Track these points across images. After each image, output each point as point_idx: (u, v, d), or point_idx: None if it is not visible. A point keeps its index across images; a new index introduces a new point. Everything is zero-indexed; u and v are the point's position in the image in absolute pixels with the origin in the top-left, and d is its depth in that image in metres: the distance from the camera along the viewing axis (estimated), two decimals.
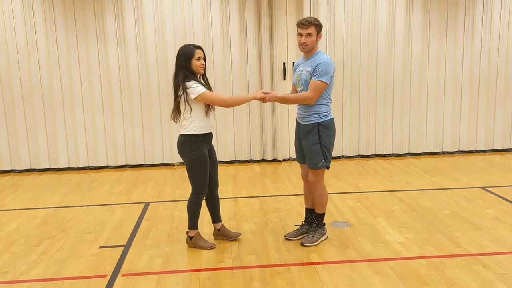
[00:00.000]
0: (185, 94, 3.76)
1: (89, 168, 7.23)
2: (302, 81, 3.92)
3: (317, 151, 3.91)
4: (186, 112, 3.83)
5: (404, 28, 7.28)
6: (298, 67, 4.02)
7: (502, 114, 7.68)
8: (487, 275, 3.42)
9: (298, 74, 3.98)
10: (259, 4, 7.07)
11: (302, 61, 4.01)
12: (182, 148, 3.89)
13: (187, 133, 3.84)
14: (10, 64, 6.87)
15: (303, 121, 3.98)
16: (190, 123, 3.83)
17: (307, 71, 3.87)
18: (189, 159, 3.88)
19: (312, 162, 3.96)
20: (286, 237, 4.19)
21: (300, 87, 3.96)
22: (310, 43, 3.83)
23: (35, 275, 3.62)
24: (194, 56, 3.82)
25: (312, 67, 3.83)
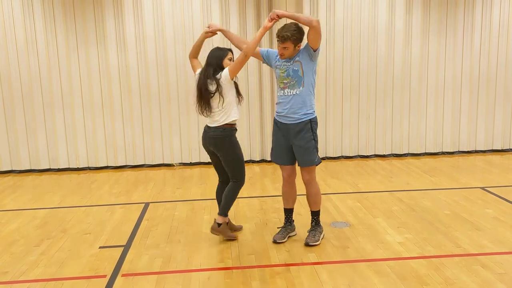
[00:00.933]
0: (219, 87, 3.95)
1: (89, 169, 7.23)
2: (290, 72, 3.83)
3: (312, 148, 3.93)
4: (220, 102, 3.99)
5: (403, 28, 7.29)
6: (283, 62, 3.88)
7: (502, 114, 7.68)
8: (486, 275, 3.42)
9: (282, 68, 3.87)
10: (258, 4, 7.07)
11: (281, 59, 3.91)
12: (222, 142, 4.03)
13: (227, 122, 4.01)
14: (10, 65, 6.87)
15: (292, 120, 3.89)
16: (230, 112, 4.01)
17: (296, 61, 3.82)
18: (231, 152, 4.06)
19: (308, 159, 3.94)
20: (275, 240, 4.11)
21: (286, 79, 3.86)
22: (287, 55, 3.84)
23: (35, 275, 3.63)
24: (227, 56, 4.08)
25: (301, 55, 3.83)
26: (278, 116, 4.00)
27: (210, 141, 4.09)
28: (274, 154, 4.13)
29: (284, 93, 3.92)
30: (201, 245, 4.14)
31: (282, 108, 3.94)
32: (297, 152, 3.98)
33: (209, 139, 4.09)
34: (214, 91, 3.99)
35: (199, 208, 5.20)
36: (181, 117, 7.22)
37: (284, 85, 3.91)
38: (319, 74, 7.17)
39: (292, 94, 3.88)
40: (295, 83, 3.86)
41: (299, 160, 4.01)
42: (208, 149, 4.18)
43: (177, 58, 7.05)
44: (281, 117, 3.97)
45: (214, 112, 4.05)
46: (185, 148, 7.32)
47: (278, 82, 3.96)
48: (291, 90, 3.88)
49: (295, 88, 3.87)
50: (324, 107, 7.31)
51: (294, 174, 4.13)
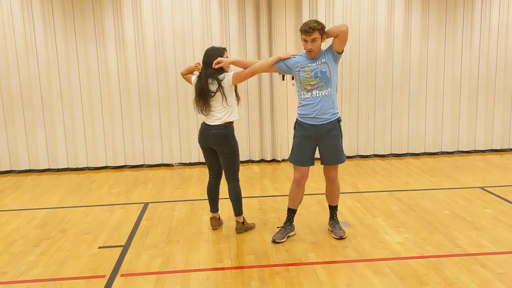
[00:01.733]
0: (221, 87, 4.03)
1: (88, 169, 7.23)
2: (319, 74, 3.88)
3: (340, 146, 4.06)
4: (224, 102, 4.09)
5: (403, 28, 7.28)
6: (308, 64, 3.92)
7: (501, 114, 7.68)
8: (486, 275, 3.42)
9: (308, 69, 3.91)
10: (258, 5, 7.07)
11: (308, 59, 3.95)
12: (225, 138, 4.13)
13: (229, 121, 4.13)
14: (9, 65, 6.86)
15: (322, 121, 3.95)
16: (232, 111, 4.13)
17: (323, 63, 3.89)
18: (232, 149, 4.18)
19: (338, 157, 4.07)
20: (274, 240, 4.12)
21: (314, 80, 3.89)
22: (316, 48, 3.87)
23: (34, 275, 3.63)
24: (224, 56, 4.13)
25: (326, 56, 3.91)
26: (304, 118, 4.01)
27: (212, 139, 4.15)
28: (294, 154, 4.13)
29: (312, 95, 3.94)
30: (200, 245, 4.14)
31: (311, 110, 3.95)
32: (327, 151, 4.04)
33: (212, 137, 4.14)
34: (215, 91, 4.06)
35: (199, 208, 5.20)
36: (181, 117, 7.22)
37: (311, 87, 3.93)
38: None
39: (321, 95, 3.92)
40: (324, 84, 3.91)
41: (329, 159, 4.07)
42: (207, 146, 4.24)
43: (176, 58, 7.05)
44: (309, 119, 3.98)
45: (214, 111, 4.12)
46: (184, 148, 7.32)
47: (304, 84, 3.95)
48: (320, 91, 3.92)
49: (323, 89, 3.92)
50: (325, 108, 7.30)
51: (306, 176, 4.16)
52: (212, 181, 4.49)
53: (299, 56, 4.05)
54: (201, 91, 4.10)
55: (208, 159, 4.39)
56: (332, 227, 4.30)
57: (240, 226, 4.38)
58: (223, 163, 4.25)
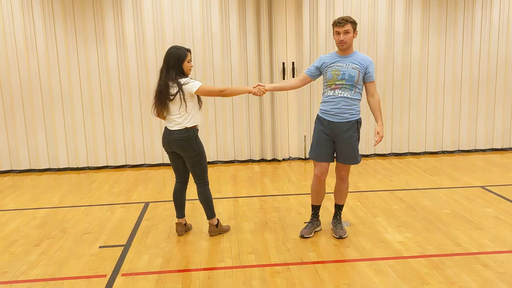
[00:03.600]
0: (181, 92, 3.90)
1: (88, 168, 7.23)
2: (346, 76, 3.90)
3: (357, 147, 4.07)
4: (182, 108, 3.95)
5: (403, 27, 7.28)
6: (335, 63, 3.96)
7: (502, 113, 7.68)
8: (487, 274, 3.42)
9: (336, 69, 3.93)
10: (258, 4, 7.06)
11: (337, 57, 3.99)
12: (188, 142, 4.02)
13: (189, 126, 3.99)
14: (10, 65, 6.86)
15: (341, 119, 3.96)
16: (191, 117, 4.00)
17: (354, 68, 3.91)
18: (197, 152, 4.07)
19: (353, 157, 4.08)
20: (302, 235, 4.17)
21: (340, 81, 3.92)
22: (348, 40, 3.91)
23: (35, 275, 3.62)
24: (187, 58, 4.00)
25: (361, 65, 3.93)
26: (324, 113, 4.04)
27: (175, 143, 4.03)
28: (314, 150, 4.14)
29: (335, 94, 3.97)
30: (201, 244, 4.13)
31: (331, 107, 3.99)
32: (343, 150, 4.06)
33: (174, 141, 4.02)
34: (174, 94, 3.92)
35: (199, 207, 5.18)
36: None
37: (336, 86, 3.96)
38: None
39: (344, 96, 3.94)
40: (348, 87, 3.93)
41: (344, 158, 4.08)
42: (170, 150, 4.14)
43: None
44: (328, 115, 4.01)
45: (173, 115, 4.00)
46: None
47: (329, 82, 3.99)
48: (344, 92, 3.94)
49: (347, 91, 3.94)
50: None
51: (327, 172, 4.17)
52: (178, 186, 4.33)
53: (327, 55, 4.09)
54: (160, 94, 3.97)
55: (173, 162, 4.23)
56: (334, 226, 4.31)
57: (213, 228, 4.29)
58: (190, 167, 4.14)
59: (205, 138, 7.30)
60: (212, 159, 7.39)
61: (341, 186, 4.25)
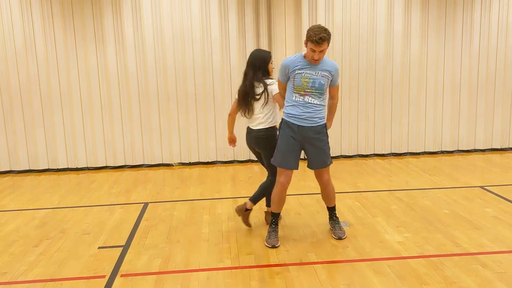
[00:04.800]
0: (266, 91, 4.14)
1: (88, 169, 7.22)
2: (316, 84, 3.82)
3: (328, 150, 4.06)
4: (266, 107, 4.19)
5: (402, 28, 7.28)
6: (305, 69, 3.83)
7: (501, 113, 7.68)
8: (486, 274, 3.42)
9: (307, 77, 3.82)
10: (257, 5, 7.06)
11: (306, 63, 3.84)
12: (268, 140, 4.23)
13: (271, 126, 4.24)
14: (9, 66, 6.86)
15: (311, 123, 3.90)
16: (274, 116, 4.25)
17: (323, 76, 3.86)
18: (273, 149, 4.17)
19: (325, 160, 4.06)
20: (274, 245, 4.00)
21: (310, 89, 3.83)
22: (322, 58, 3.85)
23: (34, 275, 3.62)
24: (271, 60, 4.27)
25: (330, 73, 3.90)
26: (292, 118, 3.92)
27: (256, 141, 4.29)
28: (282, 157, 3.98)
29: (304, 100, 3.89)
30: (200, 245, 4.13)
31: (301, 112, 3.89)
32: (316, 154, 4.02)
33: (254, 139, 4.30)
34: (260, 94, 4.14)
35: (198, 208, 5.19)
36: (180, 117, 7.22)
37: (305, 93, 3.87)
38: None
39: (311, 102, 3.90)
40: (318, 94, 3.89)
41: (317, 163, 4.04)
42: (252, 147, 4.40)
43: (176, 58, 7.05)
44: (298, 120, 3.90)
45: (257, 114, 4.21)
46: (184, 148, 7.32)
47: (298, 89, 3.87)
48: (312, 99, 3.90)
49: (316, 98, 3.90)
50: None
51: (290, 180, 4.11)
52: (268, 182, 4.44)
53: (294, 58, 3.93)
54: (245, 94, 4.17)
55: (260, 160, 4.56)
56: (332, 227, 4.29)
57: (241, 207, 4.45)
58: (265, 161, 4.36)
59: (205, 138, 7.30)
60: (211, 159, 7.39)
61: (327, 191, 4.19)
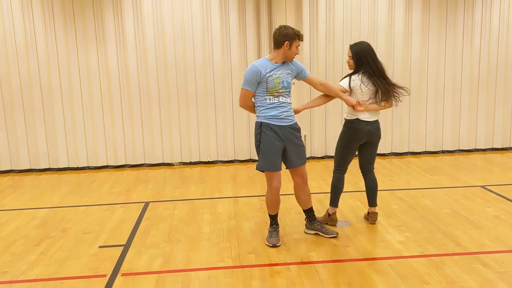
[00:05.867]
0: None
1: (88, 168, 7.22)
2: (285, 84, 3.93)
3: (304, 147, 4.14)
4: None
5: (403, 28, 7.27)
6: (274, 71, 3.86)
7: (502, 113, 7.67)
8: (487, 274, 3.42)
9: (277, 78, 3.88)
10: (258, 3, 7.06)
11: (273, 65, 3.88)
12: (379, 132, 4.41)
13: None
14: (10, 65, 6.86)
15: (289, 122, 3.97)
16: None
17: (288, 74, 3.96)
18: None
19: (304, 157, 4.12)
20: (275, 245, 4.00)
21: (281, 89, 3.91)
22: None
23: (35, 275, 3.62)
24: None
25: (292, 70, 3.99)
26: (273, 119, 3.91)
27: (376, 133, 4.35)
28: (270, 161, 3.95)
29: (279, 100, 3.93)
30: (201, 244, 4.13)
31: (279, 112, 3.93)
32: (297, 152, 4.04)
33: (376, 131, 4.34)
34: None
35: (199, 207, 5.19)
36: (181, 116, 7.22)
37: (278, 94, 3.93)
38: (319, 74, 7.17)
39: (285, 101, 3.98)
40: (288, 93, 4.00)
41: (299, 159, 4.05)
42: (362, 141, 4.36)
43: (177, 57, 7.04)
44: (278, 120, 3.91)
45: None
46: (185, 147, 7.32)
47: (271, 91, 3.90)
48: (285, 98, 3.98)
49: (286, 97, 3.99)
50: (324, 106, 7.29)
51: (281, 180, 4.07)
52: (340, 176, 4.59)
53: (262, 62, 3.92)
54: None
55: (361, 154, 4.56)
56: (321, 228, 4.21)
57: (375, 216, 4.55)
58: (373, 155, 4.50)
59: (205, 137, 7.30)
60: (212, 158, 7.38)
61: (307, 189, 4.17)
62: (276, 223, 4.18)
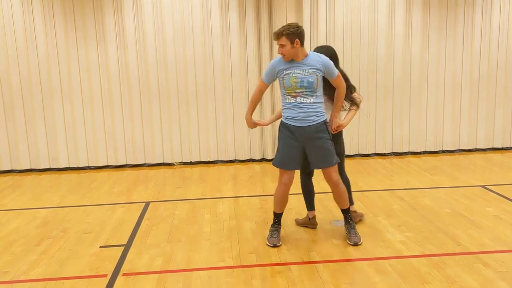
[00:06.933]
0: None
1: (89, 168, 7.22)
2: (305, 83, 3.77)
3: (331, 147, 3.93)
4: None
5: (403, 28, 7.27)
6: (291, 68, 3.81)
7: (502, 113, 7.67)
8: (488, 274, 3.42)
9: (294, 77, 3.79)
10: (258, 1, 7.06)
11: (291, 63, 3.82)
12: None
13: None
14: (10, 63, 6.85)
15: (308, 123, 3.84)
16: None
17: (312, 73, 3.77)
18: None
19: (329, 160, 3.92)
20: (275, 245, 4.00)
21: (300, 89, 3.79)
22: (286, 53, 3.78)
23: (36, 275, 3.62)
24: None
25: (318, 69, 3.78)
26: (290, 120, 3.90)
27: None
28: (281, 158, 3.97)
29: (296, 100, 3.84)
30: (202, 244, 4.13)
31: (296, 113, 3.85)
32: (317, 154, 3.91)
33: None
34: None
35: (200, 207, 5.19)
36: (181, 116, 7.22)
37: (296, 94, 3.83)
38: None
39: (304, 102, 3.83)
40: (309, 93, 3.82)
41: (319, 162, 3.94)
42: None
43: (177, 55, 7.04)
44: (294, 121, 3.87)
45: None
46: (185, 147, 7.32)
47: (288, 90, 3.84)
48: (305, 99, 3.83)
49: (307, 97, 3.83)
50: None
51: (293, 179, 4.05)
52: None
53: (278, 59, 3.90)
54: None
55: None
56: (348, 232, 4.13)
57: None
58: None
59: (206, 137, 7.30)
60: (212, 158, 7.39)
61: (338, 192, 4.05)
62: (278, 223, 4.16)
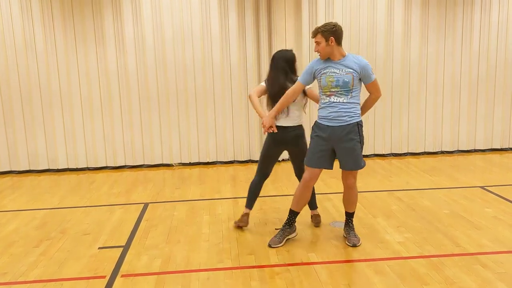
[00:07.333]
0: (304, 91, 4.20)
1: (88, 169, 7.22)
2: (340, 83, 3.77)
3: (359, 151, 3.89)
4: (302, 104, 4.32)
5: (402, 28, 7.28)
6: (328, 68, 3.84)
7: (501, 113, 7.68)
8: (486, 275, 3.42)
9: (331, 76, 3.81)
10: (257, 4, 7.07)
11: (330, 62, 3.85)
12: (302, 138, 4.33)
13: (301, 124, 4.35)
14: (9, 66, 6.85)
15: (340, 122, 3.82)
16: (302, 115, 4.37)
17: (348, 73, 3.78)
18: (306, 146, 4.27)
19: (356, 163, 3.89)
20: (270, 245, 4.03)
21: (335, 88, 3.80)
22: (321, 50, 3.84)
23: (34, 276, 3.62)
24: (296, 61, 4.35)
25: (355, 70, 3.79)
26: (323, 119, 3.92)
27: (292, 139, 4.28)
28: (309, 155, 3.98)
29: (330, 100, 3.85)
30: (201, 245, 4.13)
31: (329, 112, 3.86)
32: (344, 155, 3.89)
33: (291, 138, 4.28)
34: None
35: (198, 208, 5.19)
36: (180, 117, 7.22)
37: (331, 93, 3.84)
38: None
39: (337, 101, 3.83)
40: (344, 93, 3.81)
41: (345, 163, 3.91)
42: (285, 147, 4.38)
43: (176, 57, 7.05)
44: (327, 120, 3.88)
45: (293, 112, 4.25)
46: (184, 148, 7.32)
47: (324, 89, 3.86)
48: (338, 98, 3.83)
49: (342, 97, 3.82)
50: None
51: (316, 178, 4.02)
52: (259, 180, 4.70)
53: (316, 59, 3.98)
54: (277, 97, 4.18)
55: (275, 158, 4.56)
56: (347, 234, 4.13)
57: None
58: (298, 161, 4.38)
59: (205, 138, 7.30)
60: (211, 159, 7.39)
61: (349, 194, 4.05)
62: (289, 224, 4.12)
